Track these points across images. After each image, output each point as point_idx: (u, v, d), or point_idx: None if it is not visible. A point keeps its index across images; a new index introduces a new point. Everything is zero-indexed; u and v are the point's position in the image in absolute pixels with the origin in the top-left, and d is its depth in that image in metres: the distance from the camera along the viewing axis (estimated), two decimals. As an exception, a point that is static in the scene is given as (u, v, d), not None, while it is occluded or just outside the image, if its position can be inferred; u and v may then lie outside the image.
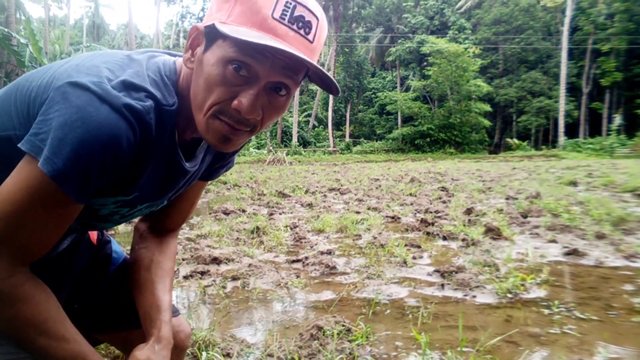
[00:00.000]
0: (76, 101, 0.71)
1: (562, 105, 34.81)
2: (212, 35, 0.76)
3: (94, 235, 1.15)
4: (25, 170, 0.74)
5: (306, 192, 8.78)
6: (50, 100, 0.73)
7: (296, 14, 0.73)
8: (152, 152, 0.82)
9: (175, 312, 1.13)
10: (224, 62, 0.74)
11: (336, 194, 8.45)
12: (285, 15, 0.73)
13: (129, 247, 1.18)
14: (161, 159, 0.86)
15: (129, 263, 1.11)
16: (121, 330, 1.14)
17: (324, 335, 1.94)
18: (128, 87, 0.75)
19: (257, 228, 4.49)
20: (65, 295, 1.00)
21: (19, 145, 0.73)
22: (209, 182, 1.16)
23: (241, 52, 0.73)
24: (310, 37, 0.75)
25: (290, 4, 0.73)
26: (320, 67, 0.75)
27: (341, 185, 9.92)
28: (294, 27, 0.73)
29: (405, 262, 3.32)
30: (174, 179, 0.93)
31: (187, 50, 0.81)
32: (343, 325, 2.03)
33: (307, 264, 3.30)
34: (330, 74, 0.77)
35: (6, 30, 19.39)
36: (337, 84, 0.79)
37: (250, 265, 3.22)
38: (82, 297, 1.10)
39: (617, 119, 35.09)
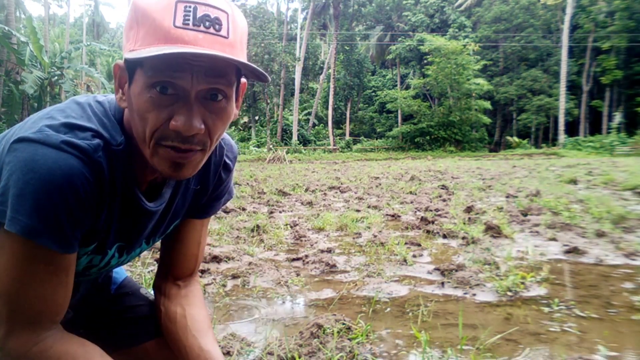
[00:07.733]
0: (22, 155, 0.71)
1: (562, 103, 34.75)
2: (130, 67, 0.75)
3: None
4: (1, 239, 0.74)
5: (306, 190, 8.78)
6: (2, 164, 0.74)
7: (199, 15, 0.71)
8: (108, 192, 0.80)
9: None
10: (148, 87, 0.72)
11: (336, 192, 8.45)
12: (188, 19, 0.70)
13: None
14: (120, 199, 0.84)
15: (162, 326, 1.07)
16: (130, 347, 1.10)
17: (324, 333, 1.94)
18: (72, 127, 0.75)
19: (257, 226, 4.49)
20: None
21: None
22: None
23: (158, 73, 0.71)
24: (223, 32, 0.72)
25: (190, 6, 0.71)
26: (238, 59, 0.72)
27: (341, 184, 9.91)
28: (201, 28, 0.71)
29: (405, 260, 3.32)
30: (139, 221, 0.90)
31: (117, 90, 0.80)
32: (343, 324, 2.03)
33: (307, 262, 3.30)
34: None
35: (6, 28, 19.37)
36: (263, 72, 0.77)
37: (250, 263, 3.22)
38: (86, 320, 1.07)
39: (618, 117, 35.06)
